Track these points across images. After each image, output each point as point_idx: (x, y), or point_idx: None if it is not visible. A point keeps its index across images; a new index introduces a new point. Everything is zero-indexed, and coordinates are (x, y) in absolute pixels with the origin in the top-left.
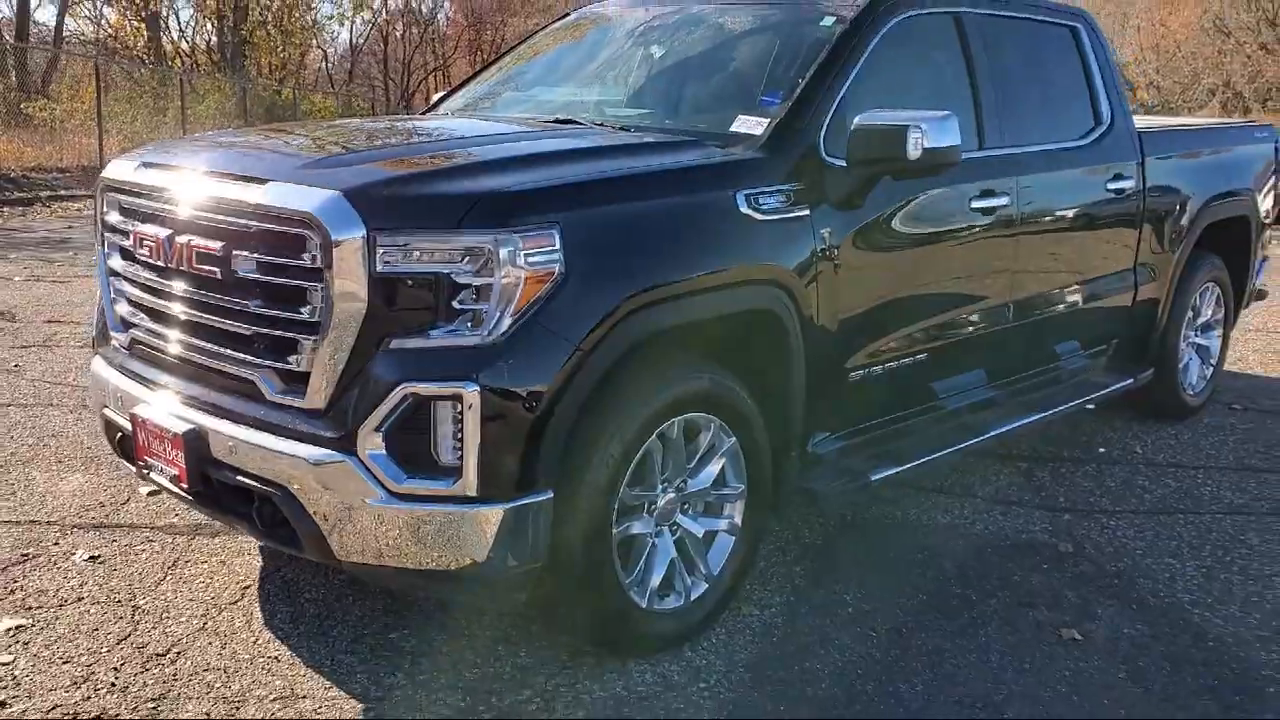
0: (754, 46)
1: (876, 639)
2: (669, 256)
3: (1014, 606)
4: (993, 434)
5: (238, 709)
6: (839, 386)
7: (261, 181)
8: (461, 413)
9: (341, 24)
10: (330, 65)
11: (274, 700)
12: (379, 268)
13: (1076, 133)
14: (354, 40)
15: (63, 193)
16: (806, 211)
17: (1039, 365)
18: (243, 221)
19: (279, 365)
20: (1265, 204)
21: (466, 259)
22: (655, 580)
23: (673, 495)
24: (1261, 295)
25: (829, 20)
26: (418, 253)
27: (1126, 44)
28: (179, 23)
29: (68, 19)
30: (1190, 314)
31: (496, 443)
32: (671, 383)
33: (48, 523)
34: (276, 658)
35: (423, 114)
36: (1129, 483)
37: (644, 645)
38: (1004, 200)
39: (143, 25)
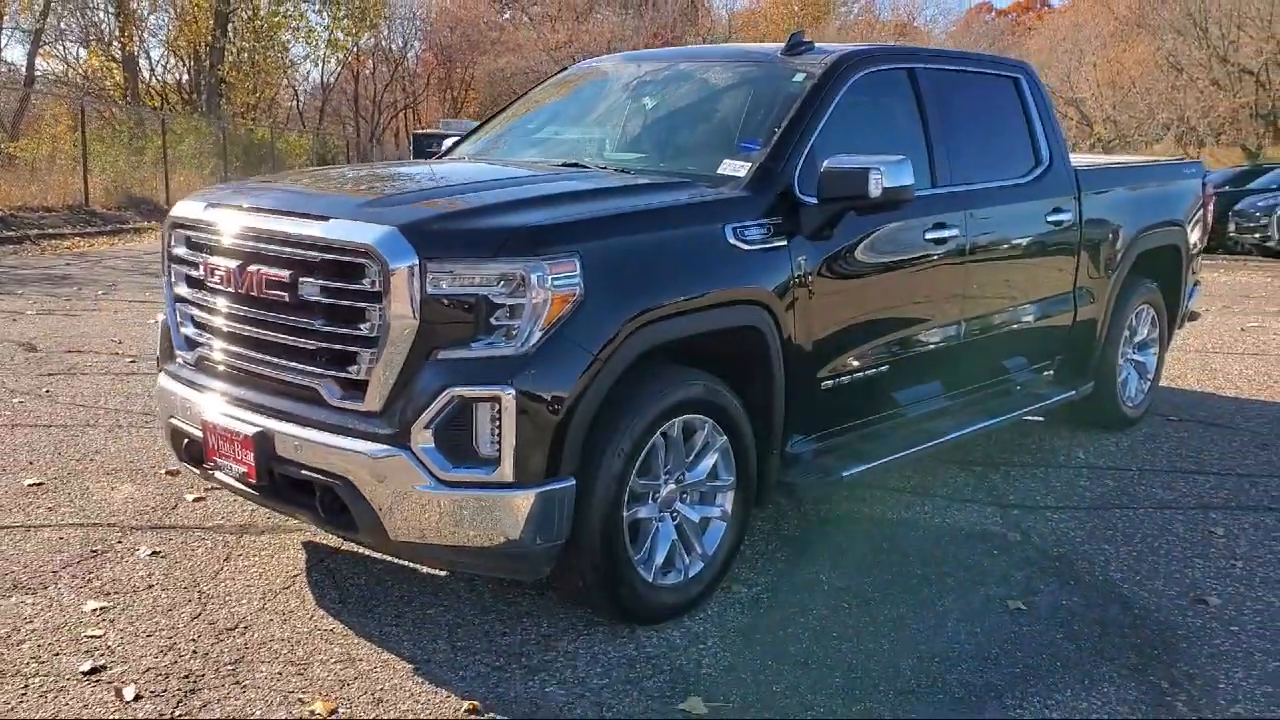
0: (735, 99)
1: (849, 609)
2: (670, 280)
3: (968, 584)
4: (949, 438)
5: (305, 669)
6: (813, 394)
7: (324, 218)
8: (499, 412)
9: (318, 64)
10: (301, 103)
11: (335, 663)
12: (429, 290)
13: (1019, 171)
14: (325, 78)
15: (50, 231)
16: (784, 242)
17: (990, 378)
18: (308, 252)
19: (340, 374)
20: (1194, 234)
21: (502, 282)
22: (659, 558)
23: (673, 485)
24: (1194, 317)
25: (800, 76)
26: (461, 278)
27: (1083, 80)
28: (150, 62)
29: (38, 59)
30: (1127, 333)
31: (528, 437)
32: (673, 388)
33: (109, 524)
34: (332, 630)
35: (439, 158)
36: (1072, 483)
37: (649, 615)
38: (955, 232)
39: (118, 65)
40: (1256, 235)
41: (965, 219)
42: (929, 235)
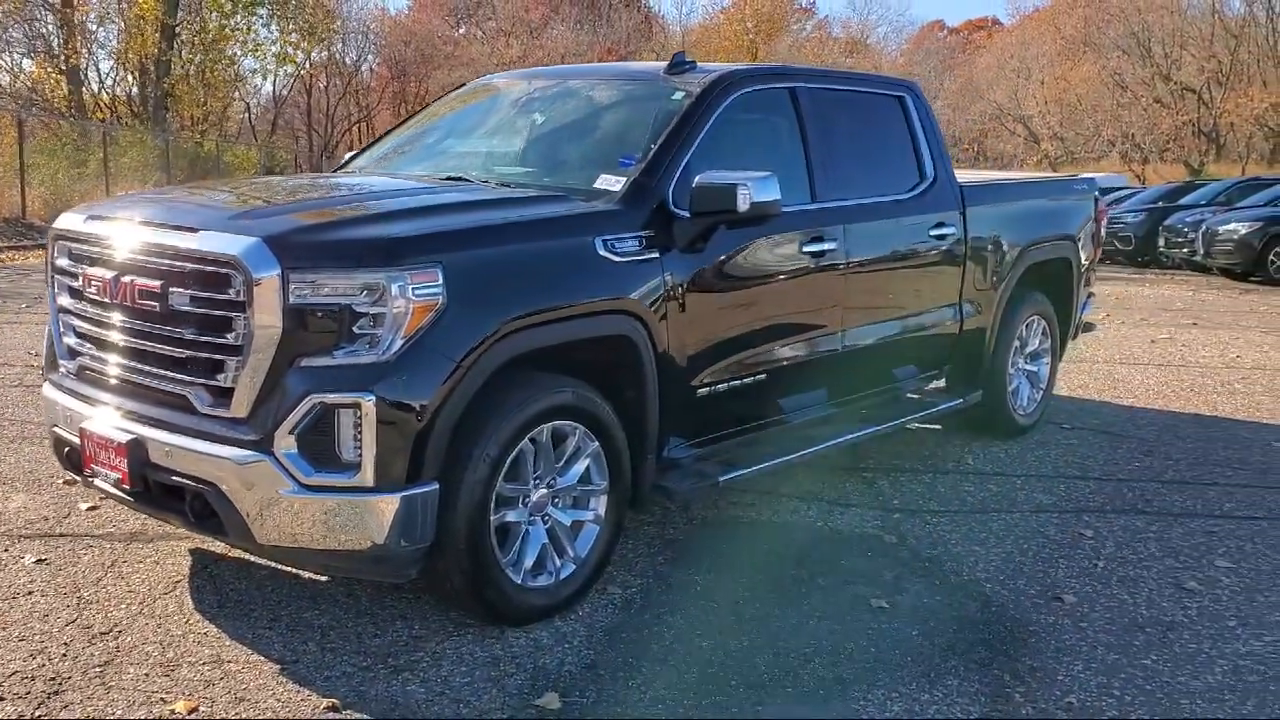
0: (617, 116)
1: (717, 609)
2: (536, 290)
3: (837, 584)
4: (831, 443)
5: (173, 671)
6: (689, 401)
7: (194, 230)
8: (360, 417)
9: (265, 77)
10: (253, 116)
11: (204, 664)
12: (291, 300)
13: (903, 187)
14: (277, 92)
15: None
16: (656, 254)
17: (876, 386)
18: (178, 263)
19: (209, 382)
20: (1087, 248)
21: (364, 292)
22: (529, 561)
23: (544, 490)
24: (1089, 328)
25: (679, 94)
26: (324, 288)
27: (1030, 97)
28: (99, 75)
29: None
30: (1018, 343)
31: (389, 442)
32: (540, 395)
33: None
34: (205, 633)
35: (335, 171)
36: (956, 488)
37: (519, 616)
38: (832, 245)
39: (63, 78)
40: (1185, 250)
41: (844, 233)
42: (807, 248)
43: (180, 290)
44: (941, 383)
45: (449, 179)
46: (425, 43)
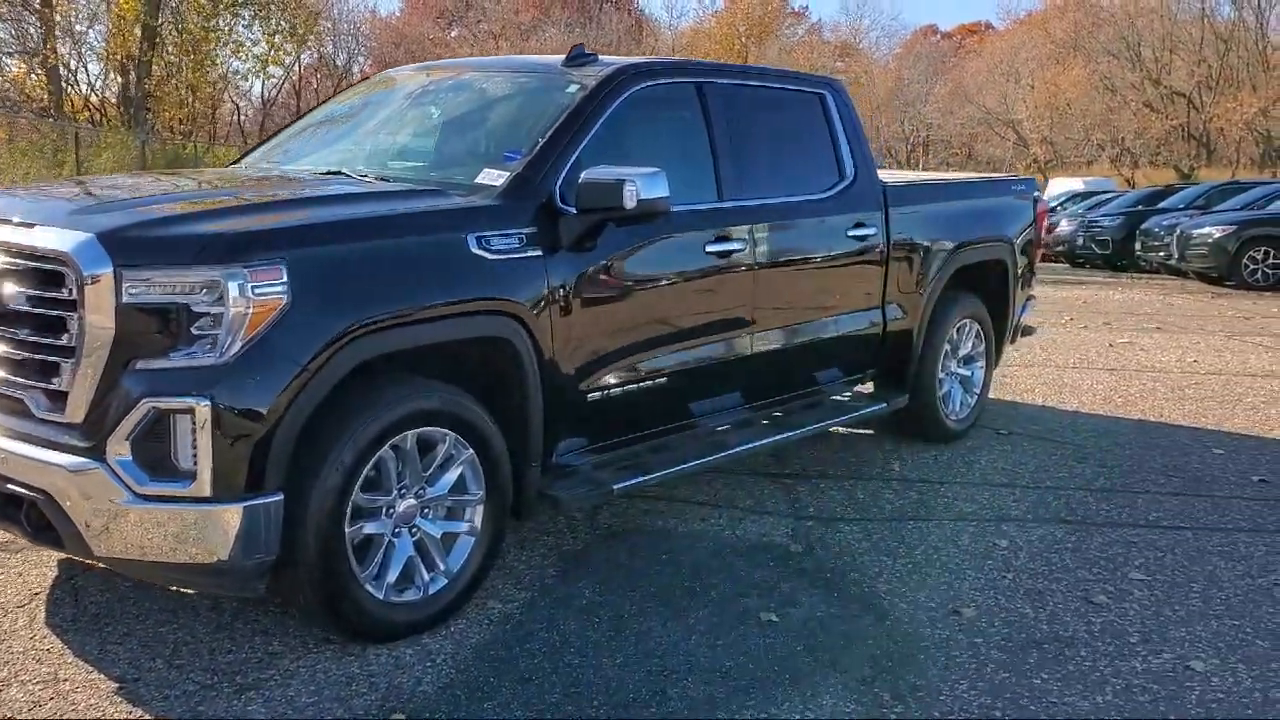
0: (510, 109)
1: (598, 624)
2: (396, 289)
3: (730, 596)
4: (745, 448)
5: (3, 691)
6: (579, 406)
7: (30, 226)
8: (195, 423)
9: (247, 79)
10: (243, 118)
11: (38, 684)
12: (125, 299)
13: (820, 187)
14: (266, 93)
15: None
16: (539, 252)
17: (795, 389)
18: (13, 260)
19: (45, 386)
20: (1025, 250)
21: (202, 290)
22: (392, 576)
23: (412, 500)
24: (1028, 331)
25: (574, 87)
26: (159, 286)
27: (1020, 102)
28: (89, 76)
29: None
30: (948, 347)
31: (227, 449)
32: (403, 399)
33: None
34: (49, 650)
35: (230, 165)
36: (877, 495)
37: (380, 633)
38: (739, 245)
39: (44, 76)
40: (1161, 254)
41: (752, 233)
42: (711, 248)
43: (15, 288)
44: (869, 386)
45: (328, 173)
46: (416, 45)
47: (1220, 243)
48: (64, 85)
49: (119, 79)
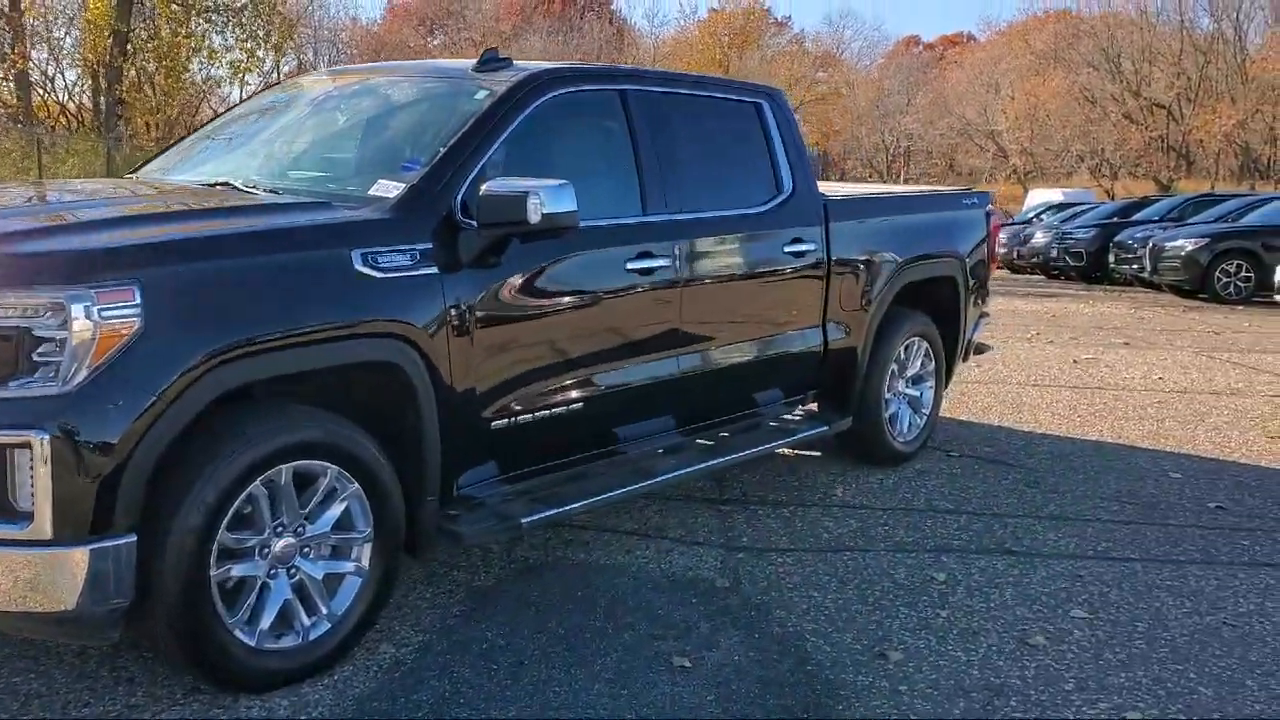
0: (414, 116)
1: (495, 671)
2: (269, 311)
3: (644, 639)
4: (675, 475)
5: None
6: (483, 435)
7: None
8: (33, 459)
9: (222, 85)
10: None
11: None
12: None
13: (756, 200)
14: (244, 98)
15: None
16: (435, 270)
17: (730, 412)
18: None
19: None
20: (977, 265)
21: (44, 313)
22: (267, 621)
23: (290, 540)
24: (981, 350)
25: (482, 94)
26: None
27: (1000, 112)
28: (65, 82)
29: None
30: (895, 366)
31: (70, 488)
32: (275, 431)
33: None
34: None
35: (123, 177)
36: (816, 523)
37: (252, 683)
38: (664, 261)
39: (14, 83)
40: (1134, 266)
41: (679, 249)
42: (633, 265)
43: None
44: (813, 407)
45: (215, 185)
46: (397, 52)
47: (1193, 255)
48: (41, 92)
49: (91, 84)
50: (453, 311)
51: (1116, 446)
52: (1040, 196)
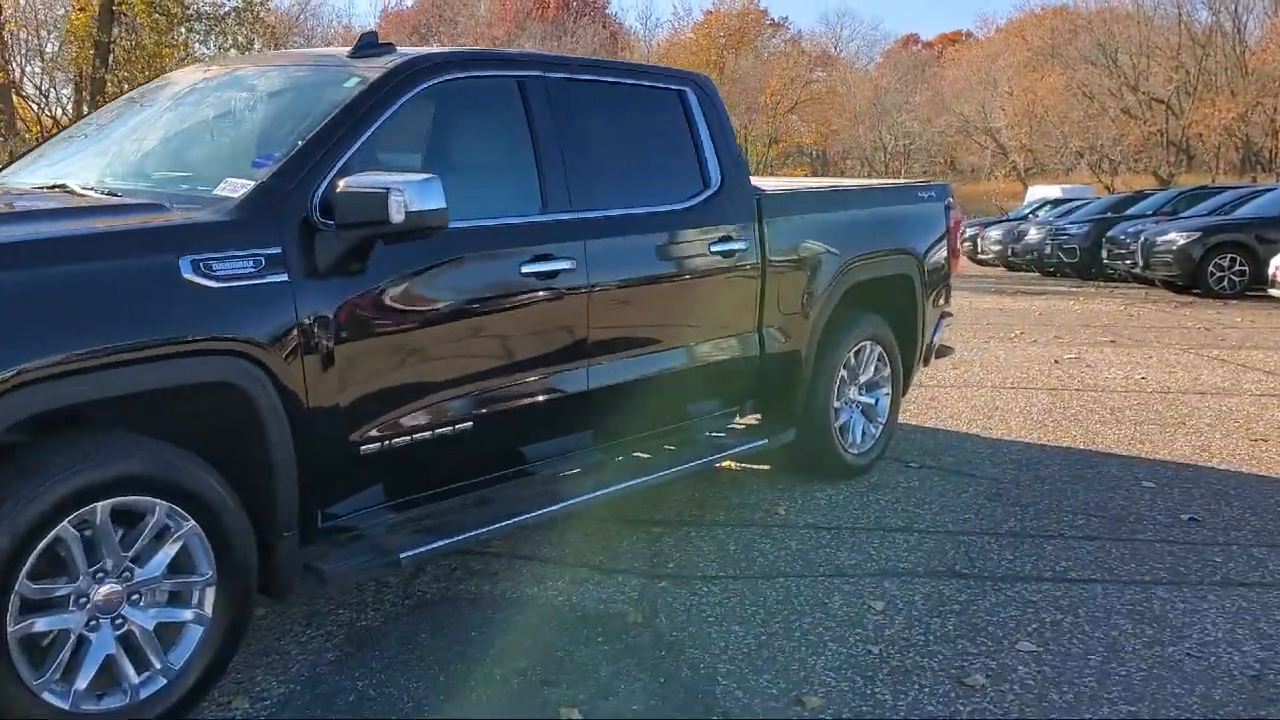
0: (277, 108)
1: None
2: (77, 327)
3: (535, 684)
4: (586, 498)
5: None
6: (351, 461)
7: None
8: None
9: None
10: None
11: None
12: None
13: (678, 196)
14: None
15: None
16: (285, 278)
17: (657, 426)
18: None
19: None
20: (936, 262)
21: None
22: (84, 680)
23: (115, 586)
24: (944, 352)
25: (353, 82)
26: None
27: (998, 109)
28: (57, 92)
29: None
30: (845, 373)
31: None
32: (86, 464)
33: None
34: None
35: None
36: (751, 546)
37: None
38: (568, 264)
39: None
40: (1126, 262)
41: (585, 250)
42: (529, 268)
43: None
44: (756, 419)
45: (51, 187)
46: None
47: (1185, 249)
48: (36, 106)
49: (74, 96)
50: (308, 324)
51: (1089, 453)
52: (1040, 193)
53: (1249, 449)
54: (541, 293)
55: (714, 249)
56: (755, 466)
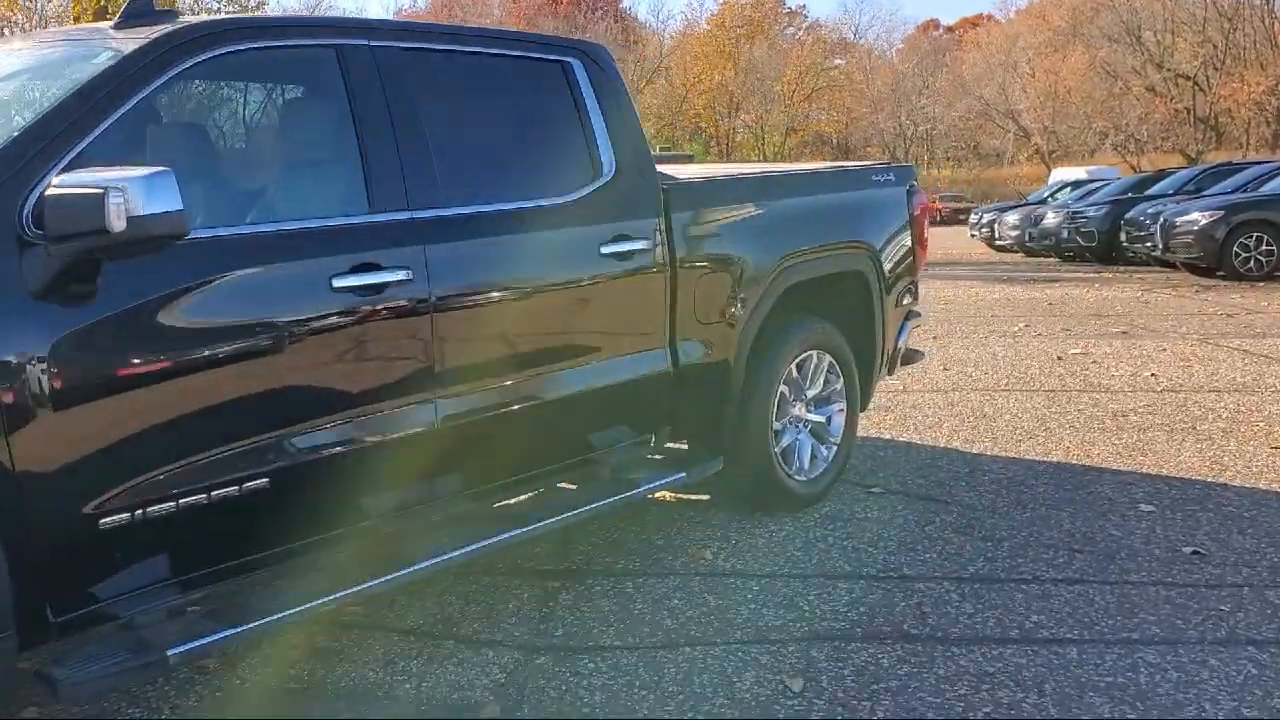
0: (11, 92)
1: None
2: None
3: None
4: (438, 561)
5: None
6: (87, 538)
7: None
8: None
9: None
10: None
11: None
12: None
13: (558, 190)
14: None
15: None
16: None
17: (548, 463)
18: None
19: None
20: (897, 256)
21: None
22: None
23: None
24: (913, 358)
25: (104, 56)
26: None
27: (1019, 91)
28: None
29: None
30: (785, 389)
31: None
32: None
33: None
34: None
35: None
36: (661, 603)
37: None
38: (401, 275)
39: None
40: (1146, 244)
41: (425, 257)
42: (345, 281)
43: None
44: (660, 451)
45: None
46: None
47: (1206, 230)
48: None
49: None
50: (13, 366)
51: (1082, 470)
52: (1063, 175)
53: (1269, 460)
54: (363, 311)
55: (606, 250)
56: (693, 497)
